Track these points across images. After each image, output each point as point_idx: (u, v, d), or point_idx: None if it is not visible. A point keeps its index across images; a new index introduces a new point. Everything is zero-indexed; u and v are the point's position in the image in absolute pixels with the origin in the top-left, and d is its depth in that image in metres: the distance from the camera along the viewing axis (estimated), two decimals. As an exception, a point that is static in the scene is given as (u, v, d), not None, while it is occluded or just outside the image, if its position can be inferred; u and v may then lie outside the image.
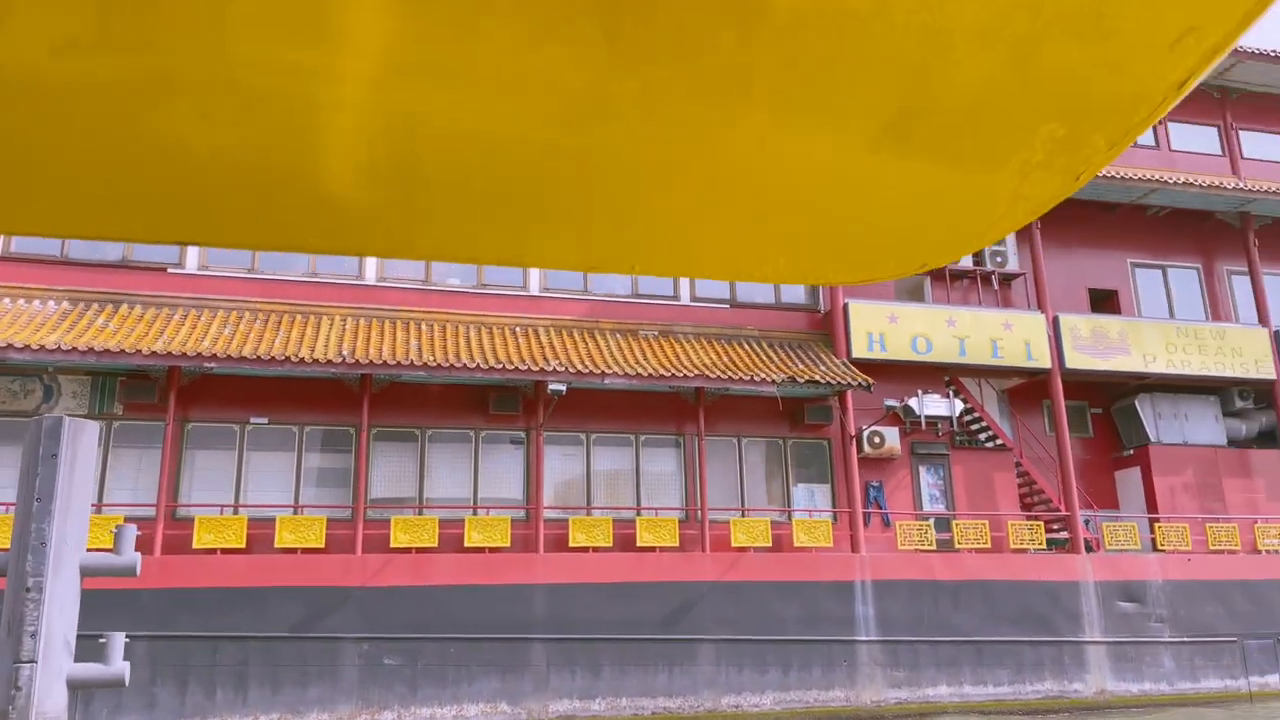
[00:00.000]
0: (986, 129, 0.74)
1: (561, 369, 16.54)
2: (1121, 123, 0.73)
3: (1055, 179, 0.77)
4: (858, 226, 0.86)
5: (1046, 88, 0.70)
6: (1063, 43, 0.67)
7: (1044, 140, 0.74)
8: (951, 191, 0.79)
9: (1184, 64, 0.68)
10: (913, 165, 0.77)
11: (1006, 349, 19.98)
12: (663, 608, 16.78)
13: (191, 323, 16.47)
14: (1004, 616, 18.19)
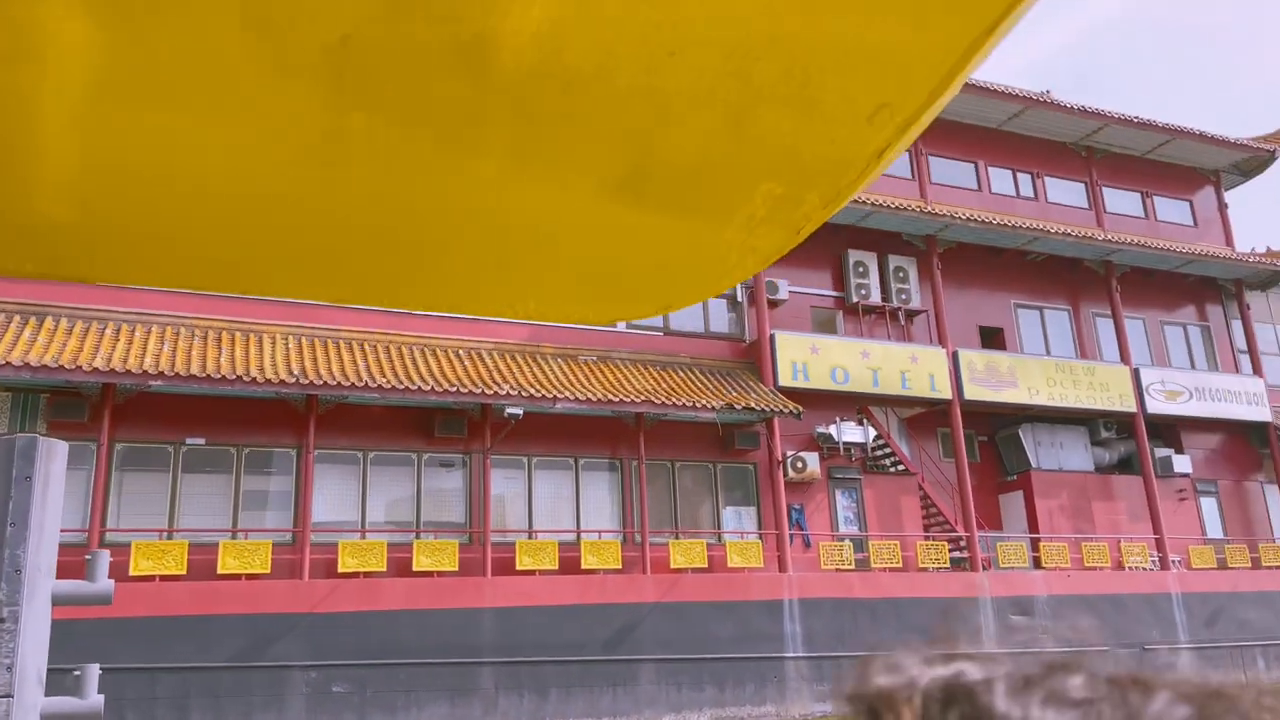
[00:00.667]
0: (712, 185, 0.79)
1: (515, 393, 16.70)
2: (832, 184, 0.78)
3: (779, 232, 0.83)
4: (603, 271, 0.90)
5: (762, 150, 0.76)
6: (772, 110, 0.72)
7: (765, 197, 0.80)
8: (687, 241, 0.84)
9: (881, 135, 0.73)
10: (649, 217, 0.81)
11: (913, 380, 21.45)
12: (606, 629, 17.12)
13: (126, 338, 15.69)
14: (915, 630, 19.42)
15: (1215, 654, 22.44)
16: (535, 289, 0.93)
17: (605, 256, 0.88)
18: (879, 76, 0.70)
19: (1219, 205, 28.14)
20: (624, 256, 0.88)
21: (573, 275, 0.91)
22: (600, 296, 0.95)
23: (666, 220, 0.82)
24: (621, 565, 17.75)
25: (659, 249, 0.87)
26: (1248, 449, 26.36)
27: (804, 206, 0.81)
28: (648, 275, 0.91)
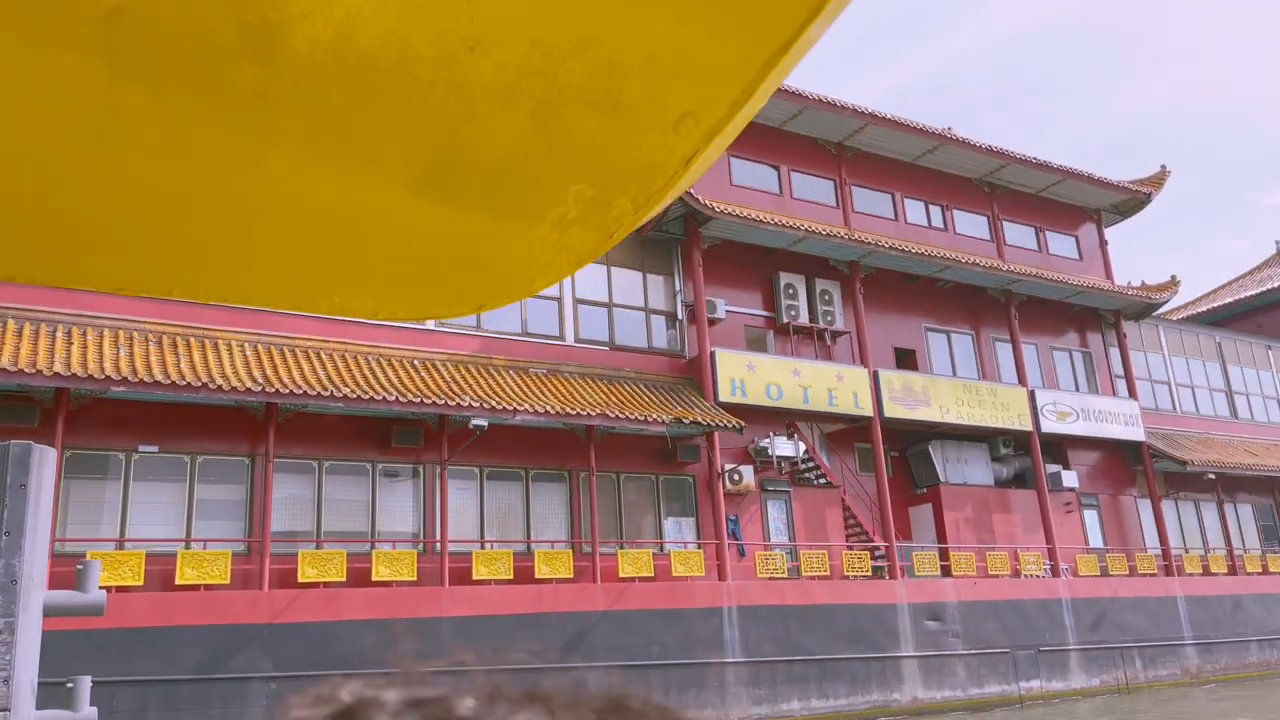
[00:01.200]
0: (521, 184, 0.79)
1: (476, 404, 16.94)
2: (643, 189, 0.79)
3: (591, 235, 0.83)
4: (412, 267, 0.88)
5: (571, 151, 0.76)
6: (579, 112, 0.73)
7: (575, 199, 0.80)
8: (499, 239, 0.84)
9: (688, 143, 0.75)
10: (457, 213, 0.81)
11: (840, 398, 22.64)
12: (560, 637, 17.49)
13: (79, 342, 15.19)
14: (840, 636, 20.54)
15: (1099, 655, 24.46)
16: (341, 283, 0.90)
17: (413, 252, 0.86)
18: (683, 85, 0.72)
19: (1100, 241, 30.63)
20: (433, 253, 0.87)
21: (380, 270, 0.89)
22: (410, 293, 0.92)
23: (475, 217, 0.82)
24: (573, 574, 18.16)
25: (469, 246, 0.86)
26: (1124, 466, 28.75)
27: (615, 210, 0.81)
28: (459, 273, 0.90)
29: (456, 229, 0.83)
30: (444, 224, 0.82)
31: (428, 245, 0.85)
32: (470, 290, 0.91)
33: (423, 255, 0.86)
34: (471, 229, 0.83)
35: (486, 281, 0.89)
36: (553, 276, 0.88)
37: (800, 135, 24.85)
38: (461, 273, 0.89)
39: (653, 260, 22.23)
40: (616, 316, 21.43)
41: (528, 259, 0.85)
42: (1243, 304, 40.77)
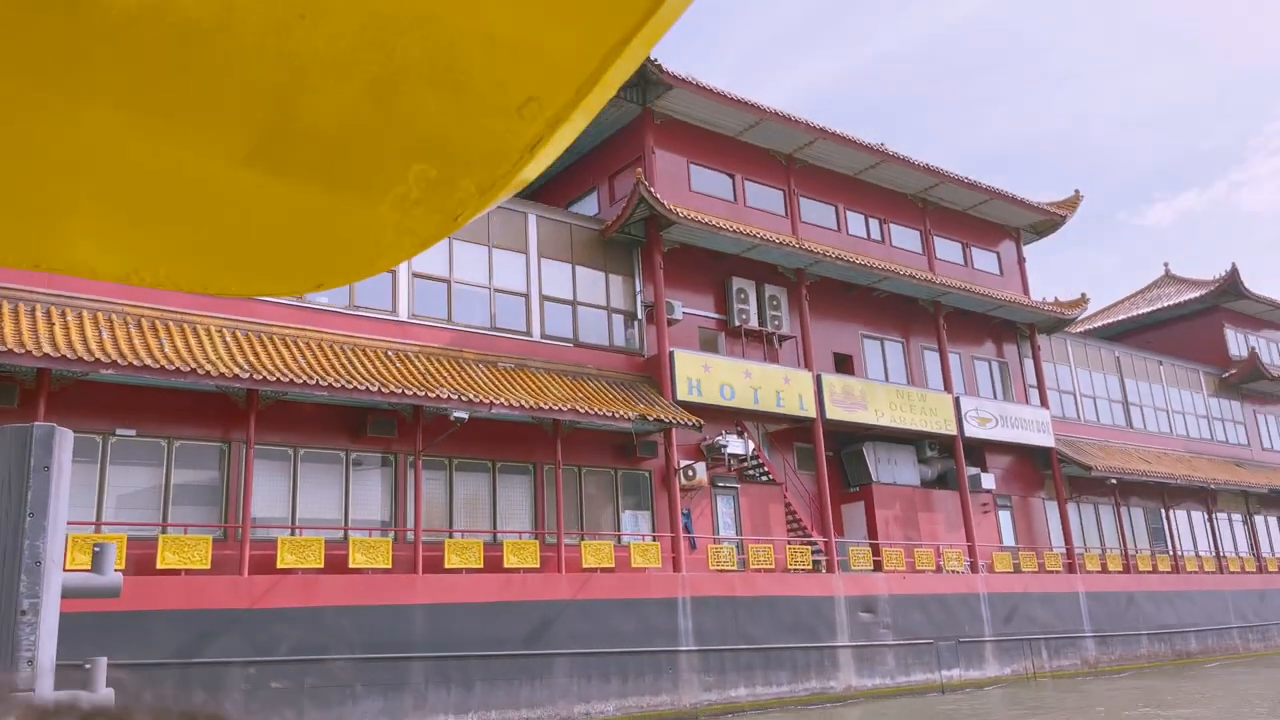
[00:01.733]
0: (358, 161, 0.77)
1: (454, 396, 17.29)
2: (488, 173, 0.78)
3: (435, 217, 0.82)
4: (243, 240, 0.85)
5: (411, 129, 0.75)
6: (419, 90, 0.72)
7: (417, 179, 0.78)
8: (336, 217, 0.82)
9: (532, 129, 0.74)
10: (290, 187, 0.78)
11: (786, 399, 23.69)
12: (526, 625, 18.00)
13: (59, 322, 14.98)
14: (783, 626, 21.59)
15: (1011, 645, 26.20)
16: (168, 254, 0.87)
17: (245, 225, 0.83)
18: (525, 69, 0.71)
19: (1018, 258, 32.56)
20: (267, 226, 0.83)
21: (209, 242, 0.85)
22: (243, 267, 0.89)
23: (311, 192, 0.79)
24: (539, 564, 18.68)
25: (306, 222, 0.83)
26: (1034, 470, 30.71)
27: (459, 193, 0.79)
28: (296, 249, 0.86)
29: (291, 203, 0.80)
30: (277, 197, 0.79)
31: (261, 218, 0.82)
32: (307, 267, 0.89)
33: (256, 228, 0.83)
34: (307, 204, 0.80)
35: (325, 259, 0.87)
36: (395, 258, 0.87)
37: (755, 146, 25.80)
38: (298, 249, 0.86)
39: (614, 261, 22.84)
40: (579, 315, 21.97)
41: (368, 238, 0.84)
42: (1134, 321, 43.71)
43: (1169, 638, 30.87)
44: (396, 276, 19.31)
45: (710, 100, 23.67)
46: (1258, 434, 40.91)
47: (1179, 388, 38.05)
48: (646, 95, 23.38)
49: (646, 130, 23.74)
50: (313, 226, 0.83)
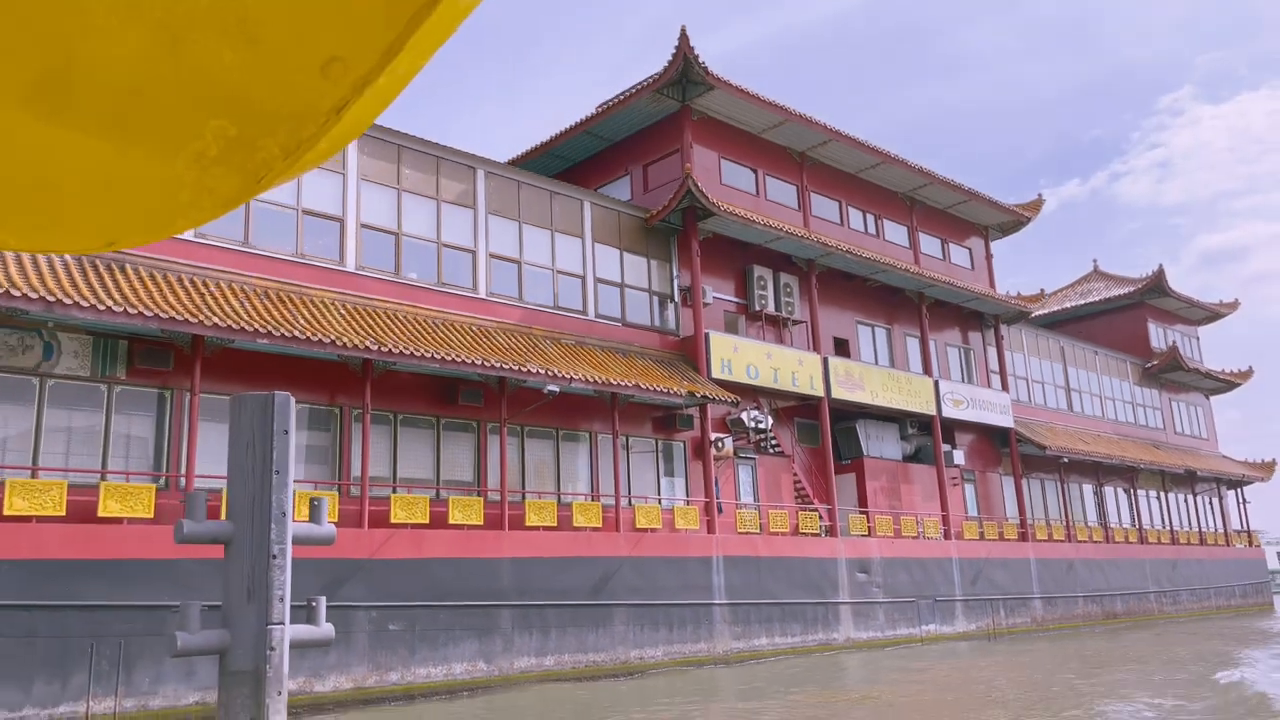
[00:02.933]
0: (149, 112, 0.74)
1: (542, 371, 19.02)
2: (292, 134, 0.75)
3: (236, 176, 0.79)
4: (26, 192, 0.81)
5: (206, 82, 0.72)
6: (210, 40, 0.69)
7: (215, 135, 0.75)
8: (128, 171, 0.78)
9: (337, 90, 0.72)
10: (76, 135, 0.75)
11: (800, 380, 26.03)
12: (591, 578, 19.98)
13: (201, 291, 16.17)
14: (796, 584, 24.07)
15: (976, 604, 29.32)
16: None
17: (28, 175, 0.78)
18: (327, 27, 0.69)
19: (987, 254, 35.53)
20: (52, 177, 0.78)
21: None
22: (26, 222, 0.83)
23: (98, 142, 0.75)
24: (601, 524, 20.63)
25: (95, 175, 0.78)
26: (993, 448, 33.90)
27: (262, 153, 0.76)
28: (85, 203, 0.81)
29: (77, 153, 0.75)
30: (62, 146, 0.75)
31: (45, 168, 0.77)
32: (99, 223, 0.83)
33: (40, 179, 0.78)
34: (95, 155, 0.76)
35: (118, 215, 0.82)
36: (195, 218, 0.83)
37: (773, 143, 27.84)
38: (86, 204, 0.81)
39: (654, 246, 24.68)
40: (625, 296, 23.78)
41: (164, 195, 0.80)
42: (1067, 313, 47.51)
43: (1100, 600, 34.64)
44: (476, 257, 20.80)
45: (744, 100, 25.57)
46: (1172, 419, 45.25)
47: (1111, 376, 41.91)
48: (686, 93, 25.15)
49: (685, 126, 25.54)
50: (103, 180, 0.79)
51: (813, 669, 20.85)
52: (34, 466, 14.41)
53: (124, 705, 13.89)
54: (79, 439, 15.15)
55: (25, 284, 13.76)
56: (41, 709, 13.26)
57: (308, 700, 15.56)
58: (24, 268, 14.38)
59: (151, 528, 14.64)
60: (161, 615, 14.47)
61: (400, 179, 19.89)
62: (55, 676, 13.42)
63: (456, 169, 20.94)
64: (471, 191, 21.12)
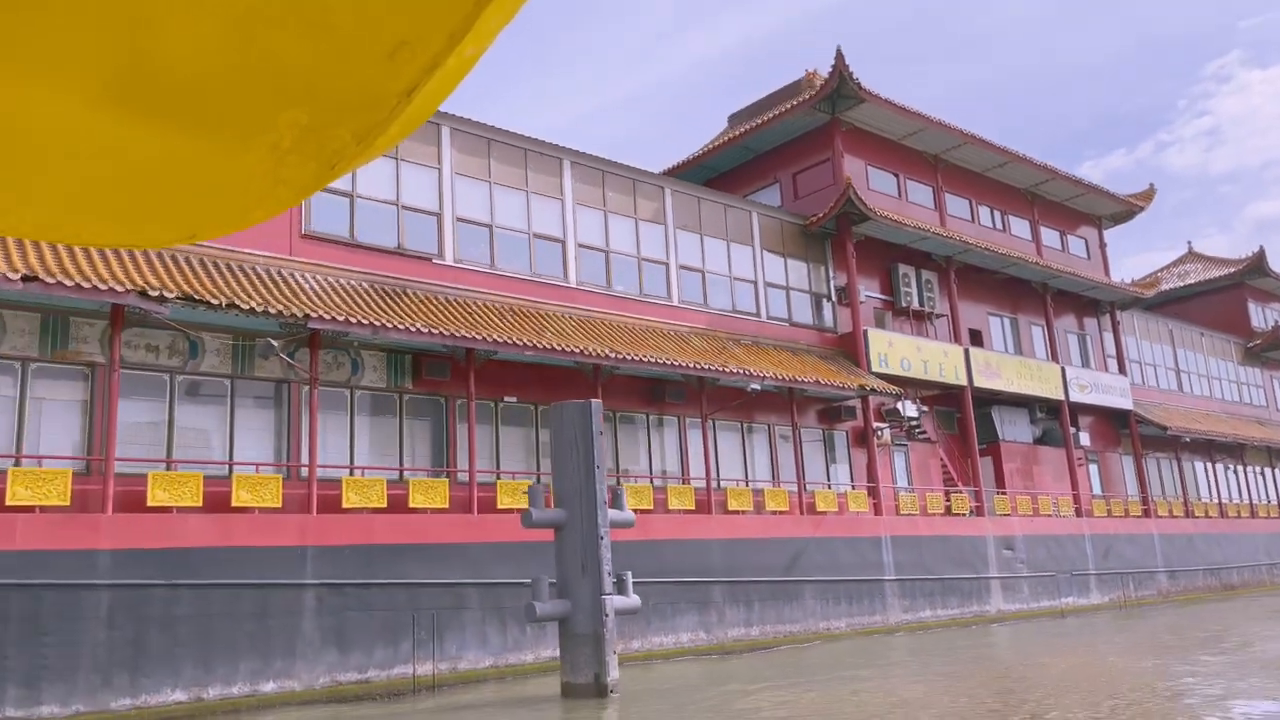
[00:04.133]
0: (226, 104, 0.74)
1: (740, 371, 21.13)
2: (363, 121, 0.76)
3: (310, 165, 0.79)
4: (108, 188, 0.81)
5: (280, 72, 0.72)
6: (283, 30, 0.69)
7: (289, 125, 0.76)
8: (204, 163, 0.79)
9: (406, 74, 0.72)
10: (152, 130, 0.75)
11: (946, 370, 27.86)
12: (783, 557, 22.08)
13: (465, 310, 18.48)
14: (951, 560, 25.97)
15: (1108, 578, 30.96)
16: (28, 201, 0.81)
17: (109, 171, 0.78)
18: (394, 12, 0.69)
19: (1100, 243, 36.94)
20: (131, 173, 0.79)
21: (71, 189, 0.81)
22: (109, 216, 0.84)
23: (175, 136, 0.75)
24: (789, 508, 22.73)
25: (173, 169, 0.78)
26: (1113, 429, 35.41)
27: (335, 141, 0.77)
28: (164, 197, 0.82)
29: (155, 148, 0.76)
30: (139, 141, 0.75)
31: (124, 164, 0.78)
32: (178, 216, 0.85)
33: (120, 175, 0.79)
34: (172, 149, 0.77)
35: (196, 209, 0.84)
36: (272, 208, 0.85)
37: (911, 148, 29.61)
38: (167, 197, 0.82)
39: (811, 250, 26.65)
40: (776, 296, 25.79)
41: (240, 187, 0.81)
42: (1165, 295, 48.52)
43: (1218, 572, 36.03)
44: (669, 268, 22.96)
45: (889, 111, 27.38)
46: (1274, 396, 46.20)
47: (1216, 356, 43.02)
48: (836, 106, 27.02)
49: (835, 136, 27.43)
50: (182, 174, 0.80)
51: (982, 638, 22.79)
52: (351, 465, 16.85)
53: (439, 668, 16.30)
54: (380, 440, 17.58)
55: (343, 310, 16.15)
56: (381, 670, 15.70)
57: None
58: (322, 296, 16.78)
59: (446, 516, 17.00)
60: (459, 591, 16.84)
61: (605, 201, 22.08)
62: (389, 643, 15.85)
63: (649, 189, 23.08)
64: (662, 208, 23.27)
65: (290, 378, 16.45)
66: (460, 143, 19.79)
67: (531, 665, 17.39)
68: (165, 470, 14.74)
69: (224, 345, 15.98)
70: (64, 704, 12.84)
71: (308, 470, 15.77)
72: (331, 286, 17.13)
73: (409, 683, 15.88)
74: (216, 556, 14.34)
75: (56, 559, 13.05)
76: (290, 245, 17.13)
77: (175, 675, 13.73)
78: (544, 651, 17.65)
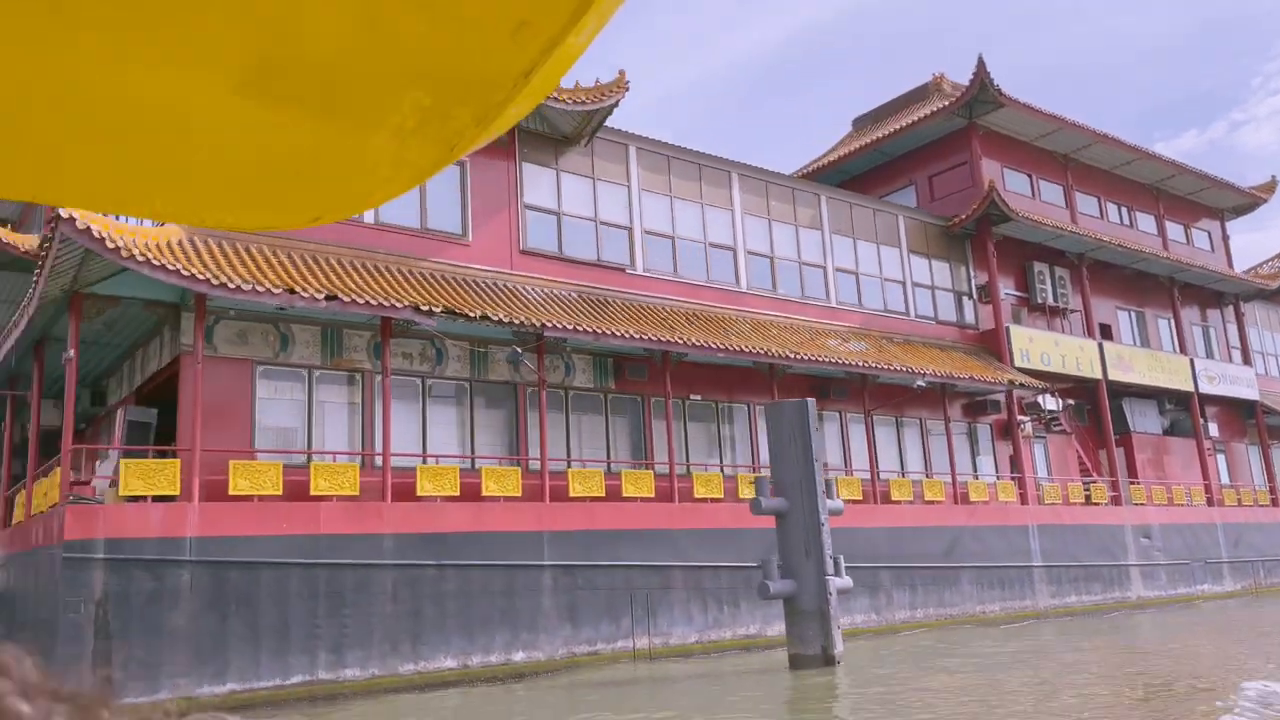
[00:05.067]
0: (353, 89, 0.76)
1: (904, 369, 22.39)
2: (483, 102, 0.76)
3: (431, 147, 0.80)
4: (238, 173, 0.83)
5: (405, 55, 0.73)
6: (410, 13, 0.70)
7: (412, 107, 0.76)
8: (331, 148, 0.80)
9: (526, 54, 0.72)
10: (285, 117, 0.77)
11: (1082, 364, 28.72)
12: (942, 544, 23.30)
13: (657, 315, 20.08)
14: (1093, 548, 26.88)
15: (1239, 566, 31.50)
16: (162, 187, 0.84)
17: (240, 156, 0.81)
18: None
19: (1223, 236, 37.24)
20: (262, 158, 0.81)
21: (204, 174, 0.83)
22: (239, 200, 0.86)
23: (306, 122, 0.77)
24: (944, 497, 23.94)
25: (301, 153, 0.81)
26: (1239, 419, 35.77)
27: (455, 122, 0.78)
28: (292, 181, 0.84)
29: (286, 134, 0.78)
30: (272, 127, 0.77)
31: (256, 150, 0.80)
32: (304, 200, 0.87)
33: (251, 159, 0.82)
34: (302, 135, 0.79)
35: (322, 192, 0.86)
36: (392, 190, 0.86)
37: (1043, 149, 30.48)
38: (294, 182, 0.85)
39: (952, 250, 27.75)
40: (922, 295, 26.95)
41: (364, 170, 0.83)
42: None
43: (1347, 562, 36.16)
44: (826, 271, 24.31)
45: (1026, 114, 28.31)
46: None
47: (1337, 346, 42.83)
48: (974, 111, 28.04)
49: (973, 140, 28.46)
50: (308, 158, 0.82)
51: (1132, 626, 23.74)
52: (568, 458, 18.57)
53: (654, 642, 17.95)
54: (589, 435, 19.29)
55: (561, 318, 17.84)
56: (606, 644, 17.39)
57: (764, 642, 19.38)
58: (542, 305, 18.50)
59: (652, 505, 18.61)
60: (666, 573, 18.46)
61: (769, 210, 23.52)
62: (612, 619, 17.54)
63: (807, 196, 24.48)
64: (818, 215, 24.63)
65: (516, 380, 18.23)
66: (645, 161, 21.40)
67: (729, 641, 18.95)
68: (423, 465, 16.59)
69: (462, 352, 17.80)
70: (363, 668, 14.76)
71: (539, 463, 17.52)
72: (548, 296, 18.87)
73: (630, 655, 17.56)
74: (472, 540, 16.15)
75: (352, 542, 14.96)
76: (510, 260, 18.90)
77: (446, 644, 15.58)
78: (739, 629, 19.20)
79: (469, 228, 18.51)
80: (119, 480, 13.64)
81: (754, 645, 19.26)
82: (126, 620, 13.18)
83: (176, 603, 13.49)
